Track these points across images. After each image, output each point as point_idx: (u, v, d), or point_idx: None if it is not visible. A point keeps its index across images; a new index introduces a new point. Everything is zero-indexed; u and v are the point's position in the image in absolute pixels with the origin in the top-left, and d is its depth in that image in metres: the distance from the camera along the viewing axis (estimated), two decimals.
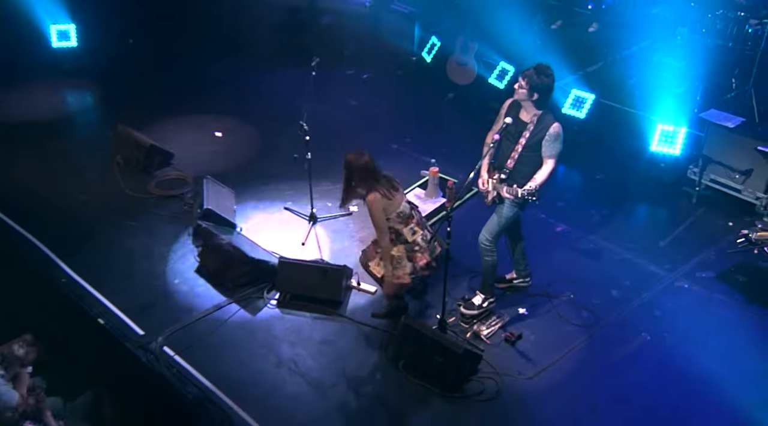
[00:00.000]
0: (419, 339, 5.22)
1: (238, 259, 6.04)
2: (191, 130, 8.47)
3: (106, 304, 5.87)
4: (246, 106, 9.00)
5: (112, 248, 6.55)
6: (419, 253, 5.38)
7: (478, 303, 5.74)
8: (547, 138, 5.09)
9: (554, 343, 5.52)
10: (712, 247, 6.50)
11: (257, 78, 9.71)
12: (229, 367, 5.37)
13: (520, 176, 5.22)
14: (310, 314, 5.85)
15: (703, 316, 5.75)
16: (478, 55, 8.85)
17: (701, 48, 7.84)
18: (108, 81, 9.42)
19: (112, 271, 6.27)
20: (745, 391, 5.03)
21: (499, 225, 5.45)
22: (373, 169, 5.23)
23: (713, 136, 7.01)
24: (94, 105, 9.24)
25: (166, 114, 8.72)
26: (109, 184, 7.38)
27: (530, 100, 5.10)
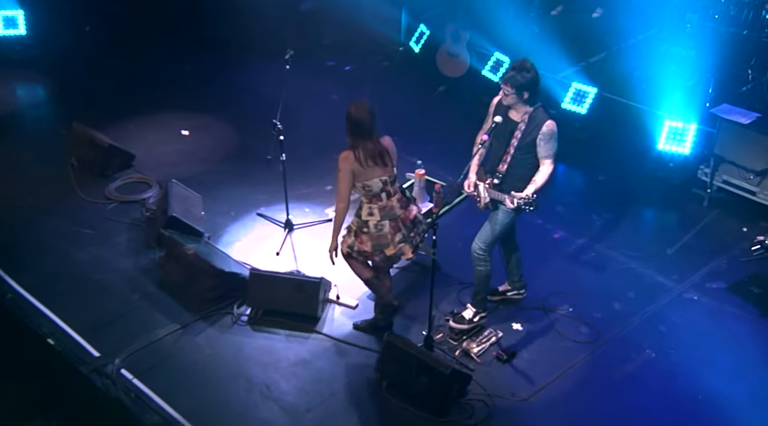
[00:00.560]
0: (403, 358, 5.26)
1: (205, 271, 6.08)
2: (154, 129, 8.50)
3: (58, 323, 5.87)
4: (215, 102, 9.05)
5: (64, 260, 6.56)
6: (364, 236, 5.43)
7: (468, 317, 5.80)
8: (541, 137, 5.16)
9: (551, 362, 5.58)
10: (724, 255, 6.60)
11: (228, 71, 9.76)
12: (195, 392, 5.39)
13: (515, 180, 5.29)
14: (284, 332, 5.88)
15: (713, 331, 5.83)
16: (471, 45, 8.94)
17: (713, 36, 7.97)
18: (61, 73, 9.45)
19: (64, 286, 6.27)
20: (757, 414, 5.11)
21: (493, 233, 5.52)
22: (364, 127, 5.18)
23: (726, 134, 7.11)
24: (46, 99, 9.27)
25: (127, 110, 8.75)
26: (62, 188, 7.40)
27: (521, 100, 5.19)
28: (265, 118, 7.24)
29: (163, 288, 6.26)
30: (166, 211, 6.62)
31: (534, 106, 5.24)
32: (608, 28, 9.01)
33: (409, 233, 5.47)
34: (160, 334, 5.81)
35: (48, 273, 6.39)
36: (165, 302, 6.13)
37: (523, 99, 5.17)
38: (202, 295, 6.10)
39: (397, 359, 5.31)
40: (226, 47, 10.17)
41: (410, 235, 5.48)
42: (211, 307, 6.03)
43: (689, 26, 8.15)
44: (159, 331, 5.84)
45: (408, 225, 5.47)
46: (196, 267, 6.12)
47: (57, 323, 5.88)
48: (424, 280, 6.30)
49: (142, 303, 6.12)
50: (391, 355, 5.35)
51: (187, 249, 6.19)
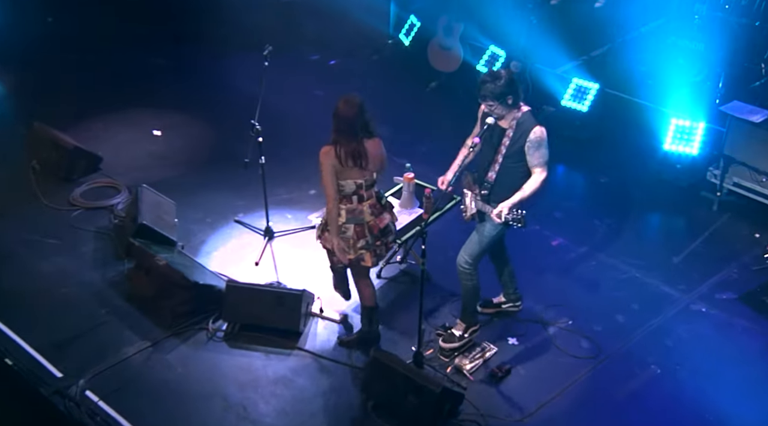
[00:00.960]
0: (391, 376, 5.29)
1: (178, 283, 6.08)
2: (123, 129, 8.50)
3: (16, 341, 5.85)
4: (190, 99, 9.07)
5: (25, 272, 6.54)
6: (327, 234, 5.54)
7: (459, 334, 5.84)
8: (529, 145, 5.23)
9: (549, 379, 5.62)
10: (735, 263, 6.66)
11: (203, 65, 9.79)
12: (166, 415, 5.39)
13: (504, 189, 5.34)
14: (263, 348, 5.89)
15: (723, 346, 5.88)
16: (464, 38, 8.98)
17: (723, 28, 8.03)
18: (21, 67, 9.45)
19: (24, 300, 6.26)
20: None
21: (480, 245, 5.57)
22: (349, 125, 5.23)
23: (736, 133, 7.18)
24: (4, 96, 9.21)
25: (93, 108, 8.76)
26: (23, 193, 7.40)
27: (507, 107, 5.25)
28: (243, 116, 7.22)
29: (132, 302, 6.26)
30: (135, 219, 6.62)
31: (519, 108, 5.31)
32: (611, 19, 9.03)
33: (374, 242, 5.51)
34: (129, 352, 5.81)
35: (6, 286, 6.37)
36: (134, 317, 6.13)
37: (509, 104, 5.24)
38: (174, 310, 6.11)
39: (383, 377, 5.34)
40: (201, 40, 10.23)
41: (375, 243, 5.52)
42: (184, 323, 6.04)
43: (697, 17, 8.21)
44: (127, 348, 5.84)
45: (375, 233, 5.50)
46: (167, 279, 6.12)
47: (15, 341, 5.85)
48: (413, 292, 6.33)
49: (109, 318, 6.11)
50: (377, 372, 5.38)
51: (158, 260, 6.20)
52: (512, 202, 5.18)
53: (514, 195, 5.23)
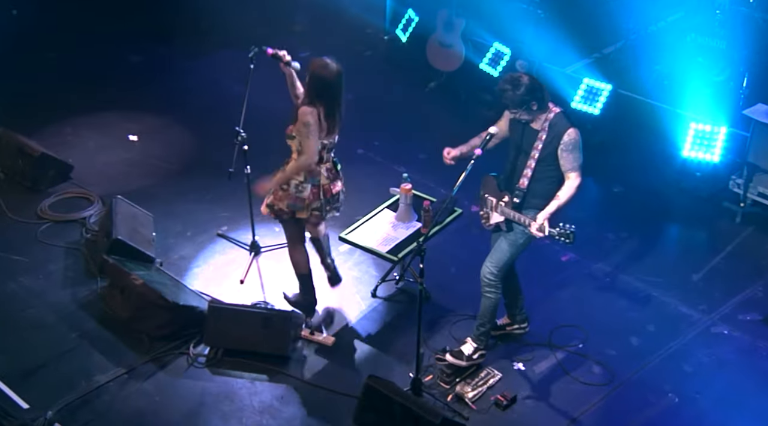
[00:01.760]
0: (386, 405, 5.34)
1: (156, 304, 6.14)
2: (96, 134, 8.56)
3: None
4: (168, 101, 9.15)
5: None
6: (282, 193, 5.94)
7: (467, 353, 5.90)
8: (563, 147, 5.33)
9: (558, 407, 5.67)
10: (760, 281, 6.73)
11: (183, 63, 9.85)
12: None
13: (537, 196, 5.47)
14: (248, 375, 5.93)
15: (747, 372, 5.93)
16: (466, 35, 9.06)
17: (747, 24, 8.11)
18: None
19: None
20: None
21: (510, 254, 5.68)
22: (331, 88, 5.66)
23: (761, 138, 7.25)
24: None
25: (63, 111, 8.83)
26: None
27: (533, 111, 5.36)
28: (226, 119, 7.27)
29: (105, 324, 6.30)
30: (110, 233, 6.68)
31: (549, 110, 5.41)
32: (625, 13, 9.14)
33: (325, 205, 5.97)
34: (102, 381, 5.84)
35: None
36: (108, 342, 6.17)
37: (533, 110, 5.33)
38: (151, 333, 6.17)
39: (379, 407, 5.38)
40: (180, 35, 10.26)
41: (326, 207, 5.99)
42: (163, 347, 6.09)
43: (719, 12, 8.27)
44: (100, 376, 5.87)
45: (328, 197, 5.96)
46: (144, 299, 6.18)
47: None
48: (410, 312, 6.41)
49: (80, 343, 6.15)
50: (371, 401, 5.42)
51: (135, 278, 6.25)
52: (549, 212, 5.29)
53: (549, 204, 5.34)
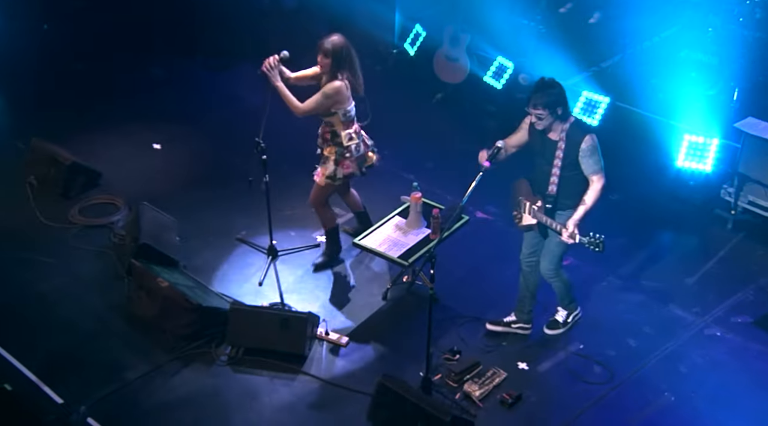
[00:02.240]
0: (399, 403, 5.32)
1: (181, 305, 6.12)
2: (123, 143, 8.54)
3: (16, 365, 5.87)
4: (190, 111, 9.13)
5: (22, 293, 6.56)
6: (348, 161, 6.45)
7: (562, 320, 6.21)
8: (582, 154, 5.43)
9: (560, 405, 5.65)
10: (751, 285, 6.70)
11: (204, 76, 9.83)
12: None
13: (566, 198, 5.60)
14: (267, 373, 5.92)
15: (739, 372, 5.90)
16: (471, 49, 9.04)
17: (738, 41, 8.09)
18: (16, 78, 9.45)
19: (22, 323, 6.28)
20: None
21: (560, 250, 5.84)
22: (350, 57, 6.24)
23: (751, 150, 7.23)
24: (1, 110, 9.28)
25: (91, 121, 8.81)
26: (20, 210, 7.46)
27: (557, 118, 5.41)
28: (243, 129, 7.24)
29: (133, 324, 6.30)
30: (137, 238, 6.67)
31: (568, 120, 5.47)
32: (622, 28, 9.12)
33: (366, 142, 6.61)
34: (131, 377, 5.84)
35: (4, 308, 6.40)
36: (136, 340, 6.17)
37: (558, 115, 5.41)
38: (176, 332, 6.15)
39: (391, 404, 5.37)
40: (200, 50, 10.23)
41: (368, 143, 6.63)
42: (187, 346, 6.08)
43: (711, 30, 8.27)
44: (129, 373, 5.87)
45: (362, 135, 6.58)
46: (170, 301, 6.17)
47: (15, 366, 5.88)
48: (419, 314, 6.36)
49: (110, 342, 6.15)
50: (384, 399, 5.40)
51: (161, 281, 6.24)
52: (578, 218, 5.44)
53: (577, 210, 5.45)
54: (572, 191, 5.55)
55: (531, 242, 5.99)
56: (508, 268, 6.84)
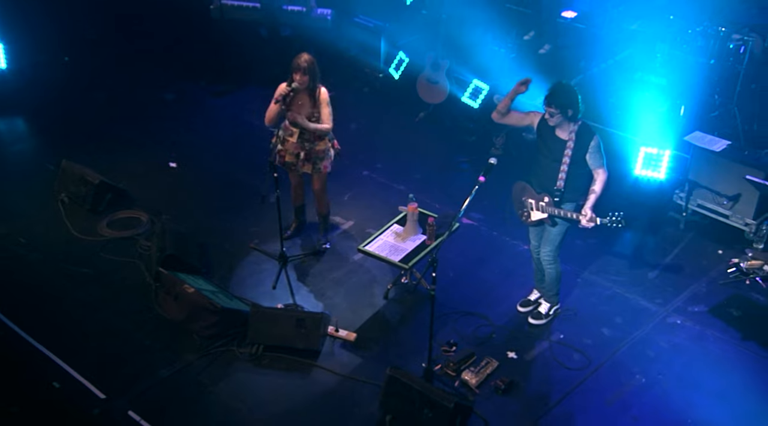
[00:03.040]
0: (406, 392, 5.37)
1: (206, 308, 6.11)
2: (142, 162, 8.45)
3: (61, 365, 5.84)
4: (200, 133, 9.06)
5: (62, 300, 6.50)
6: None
7: (544, 311, 6.28)
8: (590, 151, 5.61)
9: (546, 389, 5.73)
10: (703, 278, 6.82)
11: (209, 100, 9.75)
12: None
13: (572, 191, 5.75)
14: (285, 367, 5.93)
15: (698, 355, 6.02)
16: (450, 73, 9.08)
17: (683, 65, 8.22)
18: (42, 106, 9.35)
19: (63, 328, 6.22)
20: None
21: (559, 238, 5.98)
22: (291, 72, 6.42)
23: (699, 160, 7.36)
24: (29, 133, 9.16)
25: (112, 143, 8.71)
26: (54, 225, 7.37)
27: (566, 118, 5.55)
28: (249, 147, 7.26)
29: (162, 326, 6.27)
30: (162, 248, 6.64)
31: (577, 123, 5.58)
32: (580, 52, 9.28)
33: None
34: (164, 374, 5.83)
35: (46, 315, 6.34)
36: (166, 341, 6.14)
37: (568, 116, 5.51)
38: (202, 332, 6.15)
39: (399, 393, 5.41)
40: (206, 77, 10.17)
41: None
42: (213, 345, 6.07)
43: (659, 55, 8.40)
44: (162, 370, 5.86)
45: None
46: (196, 305, 6.15)
47: (60, 365, 5.85)
48: (417, 311, 6.45)
49: (143, 342, 6.12)
50: (393, 388, 5.44)
51: (187, 287, 6.23)
52: (591, 204, 5.64)
53: (589, 198, 5.64)
54: (577, 185, 5.71)
55: (538, 235, 6.15)
56: (494, 268, 6.96)
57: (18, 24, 9.58)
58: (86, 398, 5.60)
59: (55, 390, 5.64)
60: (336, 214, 7.58)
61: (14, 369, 5.86)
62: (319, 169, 6.76)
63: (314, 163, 6.71)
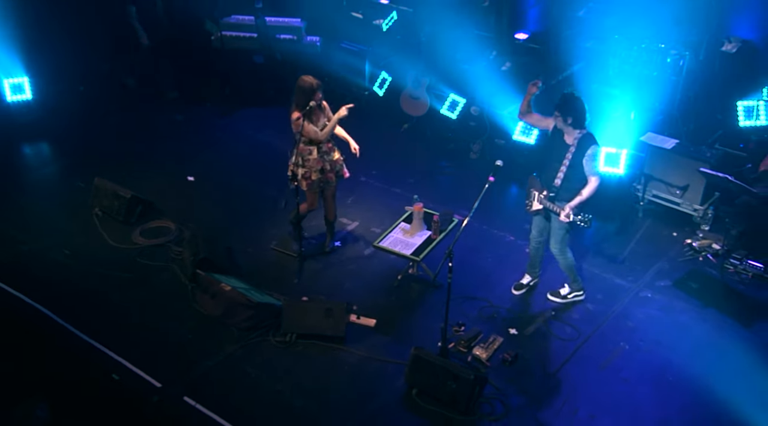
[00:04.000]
0: (430, 368, 5.43)
1: (243, 304, 6.07)
2: (163, 177, 8.30)
3: (118, 360, 5.75)
4: (210, 150, 8.93)
5: (109, 303, 6.38)
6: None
7: (564, 293, 6.38)
8: (586, 159, 5.65)
9: (546, 359, 5.84)
10: (664, 257, 7.00)
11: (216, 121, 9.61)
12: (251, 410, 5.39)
13: (566, 191, 5.78)
14: (316, 352, 5.92)
15: (669, 323, 6.20)
16: (430, 88, 9.14)
17: (631, 77, 8.43)
18: (65, 131, 9.11)
19: (115, 326, 6.12)
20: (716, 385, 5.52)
21: (562, 231, 5.99)
22: (308, 96, 6.26)
23: (653, 157, 7.58)
24: (55, 157, 8.88)
25: (133, 162, 8.52)
26: (90, 236, 7.22)
27: (567, 124, 5.62)
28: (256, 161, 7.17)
29: (202, 322, 6.20)
30: (196, 253, 6.55)
31: (581, 130, 5.65)
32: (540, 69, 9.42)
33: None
34: (210, 364, 5.77)
35: (98, 316, 6.21)
36: (207, 334, 6.08)
37: (568, 123, 5.59)
38: (239, 325, 6.10)
39: (424, 369, 5.46)
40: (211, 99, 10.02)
41: None
42: (250, 336, 6.03)
43: (611, 69, 8.60)
44: (208, 361, 5.81)
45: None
46: (233, 301, 6.10)
47: (118, 360, 5.76)
48: (425, 297, 6.51)
49: (186, 336, 6.05)
50: (418, 366, 5.50)
51: (224, 286, 6.17)
52: (574, 204, 5.64)
53: (575, 198, 5.64)
54: (571, 187, 5.75)
55: (539, 225, 6.23)
56: (487, 256, 7.05)
57: (38, 58, 9.30)
58: (144, 387, 5.52)
59: (116, 381, 5.53)
60: (342, 216, 7.57)
61: (78, 365, 5.74)
62: (342, 176, 6.72)
63: (336, 172, 6.67)
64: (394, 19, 10.14)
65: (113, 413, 5.34)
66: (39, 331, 6.01)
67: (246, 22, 9.92)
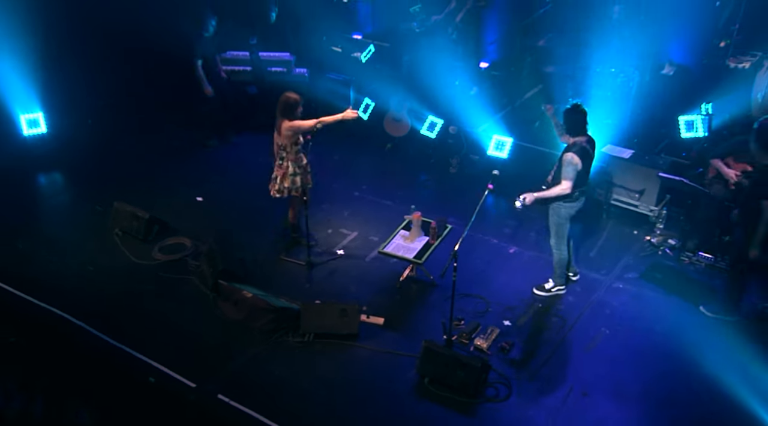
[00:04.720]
0: (440, 358, 5.52)
1: (264, 308, 6.07)
2: (175, 198, 8.17)
3: (153, 364, 5.70)
4: (215, 173, 8.83)
5: (139, 313, 6.30)
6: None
7: (548, 287, 6.48)
8: (561, 163, 5.85)
9: (538, 346, 5.99)
10: (629, 253, 7.22)
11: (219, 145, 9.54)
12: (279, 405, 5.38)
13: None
14: (332, 349, 5.95)
15: (641, 309, 6.40)
16: (411, 111, 9.29)
17: (587, 97, 8.74)
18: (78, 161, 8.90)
19: (146, 333, 6.05)
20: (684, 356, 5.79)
21: (556, 226, 6.19)
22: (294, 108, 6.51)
23: (613, 165, 7.85)
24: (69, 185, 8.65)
25: (143, 185, 8.38)
26: (112, 254, 7.10)
27: (562, 130, 5.93)
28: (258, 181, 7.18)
29: (225, 327, 6.17)
30: (216, 265, 6.51)
31: (574, 138, 5.84)
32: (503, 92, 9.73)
33: None
34: (238, 364, 5.76)
35: (129, 325, 6.15)
36: (231, 338, 6.05)
37: (564, 129, 5.85)
38: (261, 328, 6.10)
39: (434, 360, 5.55)
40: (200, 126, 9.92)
41: None
42: (271, 338, 6.03)
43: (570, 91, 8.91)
44: (235, 361, 5.79)
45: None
46: (255, 306, 6.10)
47: (154, 365, 5.71)
48: (425, 296, 6.57)
49: (214, 340, 6.01)
50: (429, 357, 5.58)
51: (246, 293, 6.15)
52: (532, 193, 5.87)
53: (540, 191, 5.86)
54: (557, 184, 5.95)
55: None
56: (475, 258, 7.14)
57: (49, 93, 9.13)
58: (180, 387, 5.47)
59: (153, 384, 5.46)
60: (341, 227, 7.62)
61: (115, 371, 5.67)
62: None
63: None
64: (371, 52, 10.30)
65: (153, 414, 5.27)
66: (73, 340, 5.91)
67: (241, 57, 9.94)
